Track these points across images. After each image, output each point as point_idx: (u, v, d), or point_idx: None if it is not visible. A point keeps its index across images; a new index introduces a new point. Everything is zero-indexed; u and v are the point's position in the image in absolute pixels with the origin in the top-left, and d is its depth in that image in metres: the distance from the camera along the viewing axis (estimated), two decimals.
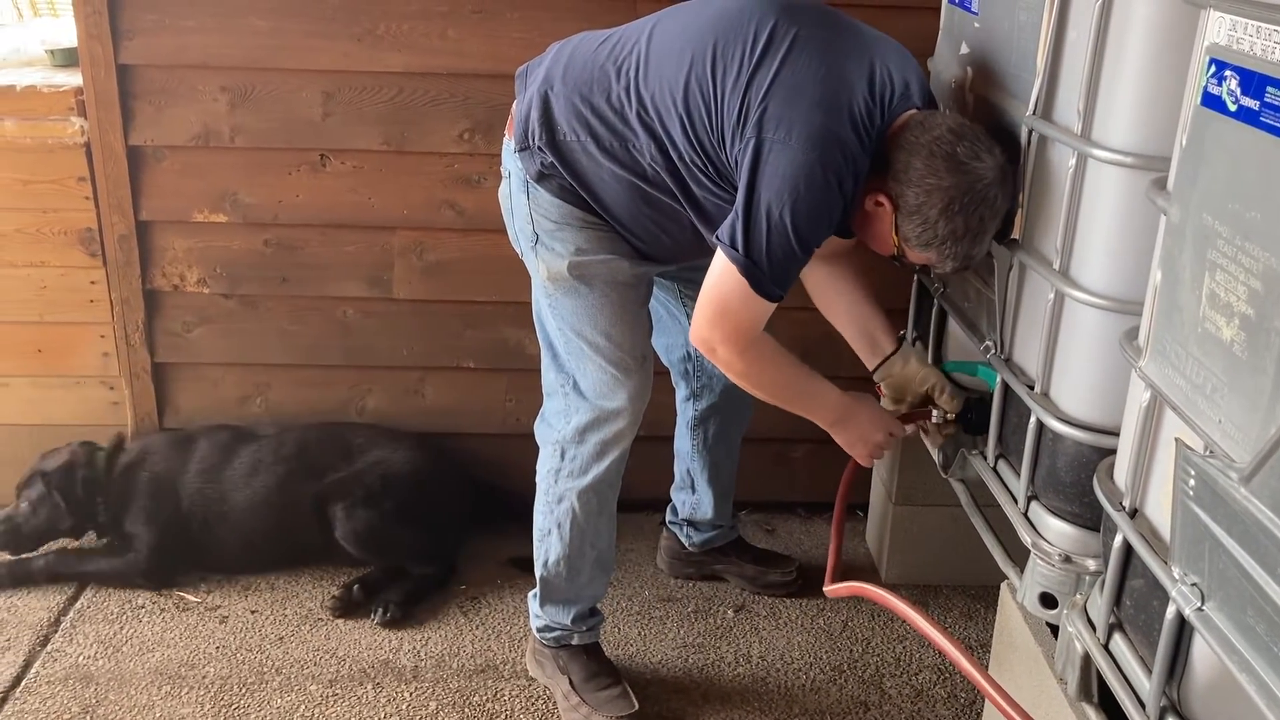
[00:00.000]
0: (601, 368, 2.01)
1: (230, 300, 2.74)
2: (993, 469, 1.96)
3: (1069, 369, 1.69)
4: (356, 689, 2.25)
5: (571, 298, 1.99)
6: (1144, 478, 1.41)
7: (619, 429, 2.04)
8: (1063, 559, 1.68)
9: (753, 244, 1.75)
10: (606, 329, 1.99)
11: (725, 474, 2.52)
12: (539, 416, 2.15)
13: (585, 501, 2.09)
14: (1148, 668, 1.37)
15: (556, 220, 1.96)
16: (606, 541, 2.17)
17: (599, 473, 2.06)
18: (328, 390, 2.82)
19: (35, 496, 2.53)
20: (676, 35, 1.85)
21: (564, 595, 2.17)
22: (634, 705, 2.13)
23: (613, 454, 2.06)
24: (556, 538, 2.12)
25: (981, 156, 1.73)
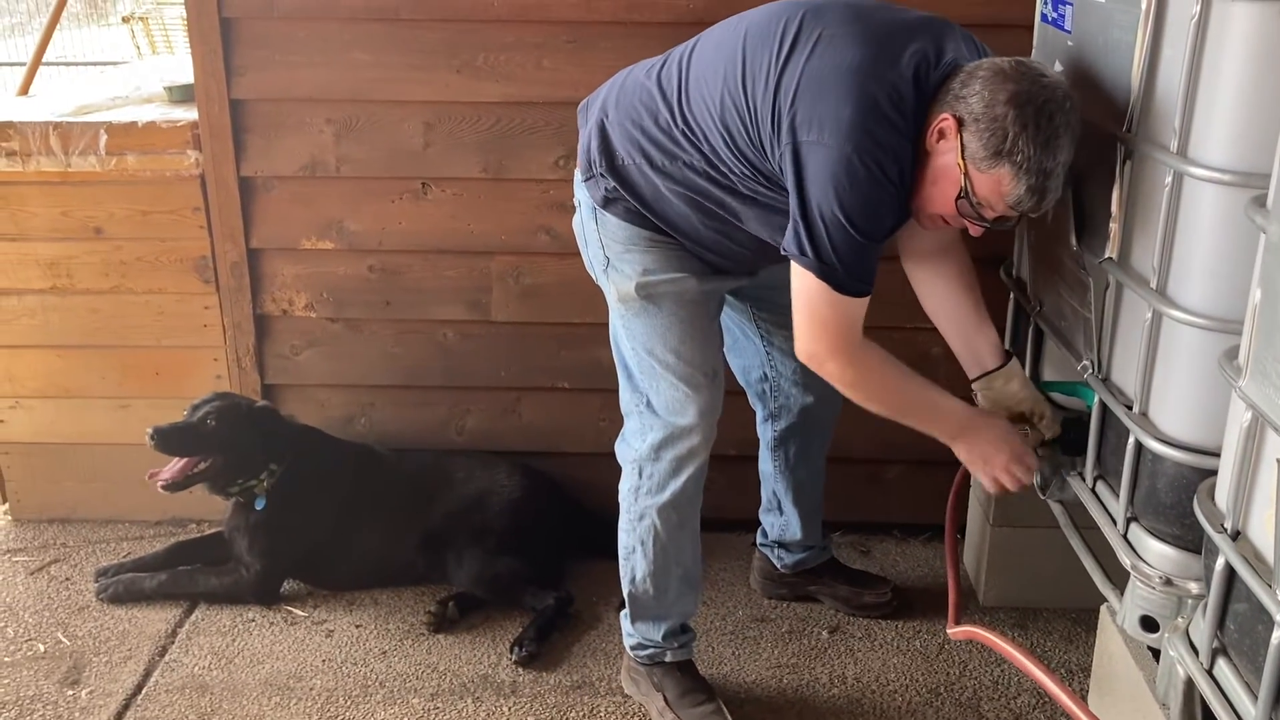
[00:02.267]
0: (673, 385, 2.04)
1: (336, 324, 2.84)
2: (1091, 490, 1.94)
3: (1168, 389, 1.66)
4: (457, 703, 2.30)
5: (642, 317, 2.03)
6: (1246, 499, 1.39)
7: (692, 445, 2.07)
8: (1163, 582, 1.65)
9: (818, 245, 1.76)
10: (676, 346, 2.03)
11: (810, 494, 2.52)
12: (620, 437, 2.19)
13: (666, 518, 2.12)
14: (1253, 694, 1.34)
15: (623, 242, 2.01)
16: (691, 557, 2.19)
17: (676, 489, 2.09)
18: (428, 410, 2.90)
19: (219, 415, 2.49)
20: (711, 52, 1.90)
21: (653, 612, 2.20)
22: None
23: (689, 470, 2.08)
24: (640, 555, 2.15)
25: (1046, 73, 1.72)
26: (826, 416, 2.42)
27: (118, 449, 2.91)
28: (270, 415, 2.61)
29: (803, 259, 1.79)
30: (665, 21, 2.55)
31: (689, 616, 2.26)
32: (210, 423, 2.49)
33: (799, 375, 2.34)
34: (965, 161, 1.71)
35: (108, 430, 2.93)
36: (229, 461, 2.52)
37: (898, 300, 2.69)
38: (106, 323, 2.86)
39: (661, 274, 2.01)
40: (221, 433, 2.50)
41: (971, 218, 1.77)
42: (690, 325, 2.04)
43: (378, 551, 2.64)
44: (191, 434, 2.48)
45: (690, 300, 2.03)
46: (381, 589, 2.68)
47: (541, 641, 2.45)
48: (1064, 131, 1.69)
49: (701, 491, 2.15)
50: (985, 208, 1.75)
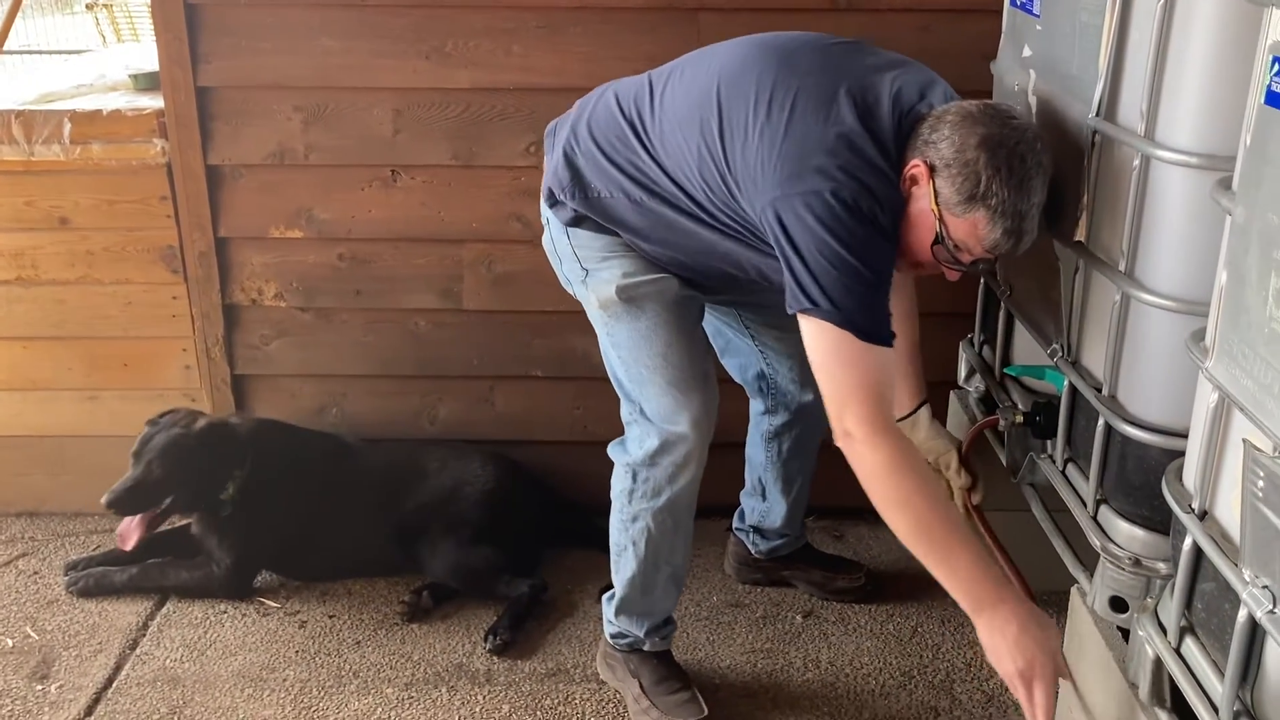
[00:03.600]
0: (663, 390, 2.00)
1: (306, 313, 2.81)
2: (1061, 473, 1.95)
3: (1136, 371, 1.67)
4: (431, 692, 2.30)
5: (625, 322, 2.00)
6: (1213, 480, 1.40)
7: (688, 451, 2.02)
8: (1133, 562, 1.67)
9: (825, 289, 1.67)
10: (663, 350, 1.99)
11: (799, 487, 2.52)
12: (618, 440, 2.14)
13: (660, 522, 2.09)
14: (1220, 671, 1.36)
15: (600, 250, 1.99)
16: (681, 558, 2.18)
17: (673, 494, 2.07)
18: (401, 400, 2.89)
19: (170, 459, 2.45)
20: (684, 97, 1.87)
21: (639, 609, 2.20)
22: (703, 710, 2.15)
23: (685, 476, 2.05)
24: (631, 555, 2.13)
25: (1015, 114, 1.71)
26: (823, 414, 2.39)
27: (86, 441, 2.88)
28: (218, 430, 2.54)
29: (816, 310, 1.67)
30: (636, 7, 2.54)
31: (672, 611, 2.26)
32: (156, 469, 2.45)
33: (796, 372, 2.33)
34: (939, 207, 1.70)
35: (75, 423, 2.90)
36: (188, 493, 2.50)
37: None
38: (73, 314, 2.83)
39: (642, 275, 1.98)
40: (171, 473, 2.45)
41: (949, 262, 1.75)
42: (675, 328, 2.00)
43: (351, 542, 2.63)
44: (143, 489, 2.44)
45: (674, 301, 2.00)
46: (355, 579, 2.67)
47: (516, 630, 2.44)
48: (1036, 173, 1.68)
49: (696, 495, 2.12)
50: (962, 252, 1.74)
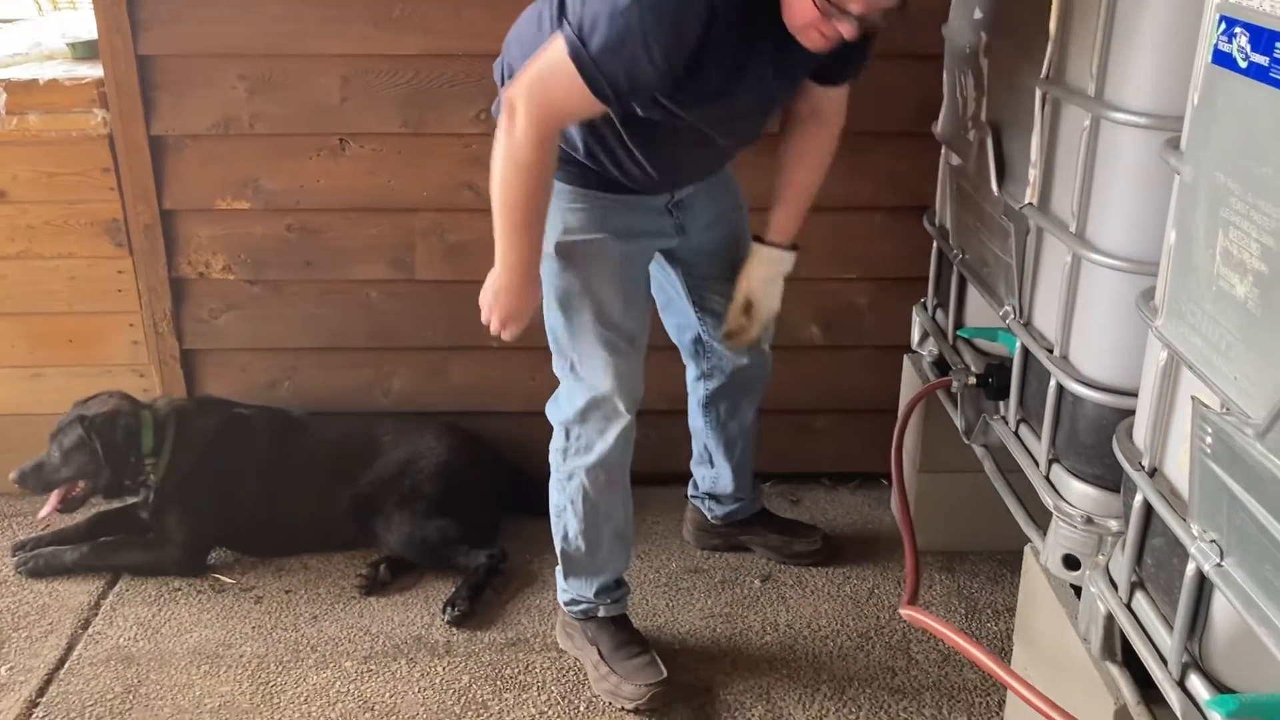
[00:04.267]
0: (593, 348, 2.03)
1: (255, 286, 2.77)
2: (1014, 433, 1.97)
3: (1087, 331, 1.69)
4: (390, 664, 2.29)
5: (562, 279, 2.01)
6: (1162, 437, 1.42)
7: (615, 408, 2.06)
8: (1084, 520, 1.69)
9: (585, 20, 1.66)
10: (595, 310, 2.01)
11: (742, 449, 2.53)
12: (552, 397, 2.17)
13: (594, 478, 2.11)
14: (1169, 625, 1.38)
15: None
16: (623, 516, 2.19)
17: (604, 450, 2.09)
18: (354, 372, 2.86)
19: (71, 443, 2.49)
20: None
21: (585, 569, 2.21)
22: (662, 673, 2.16)
23: (614, 431, 2.08)
24: (571, 513, 2.16)
25: None
26: (757, 377, 2.42)
27: (31, 420, 2.81)
28: (124, 415, 2.52)
29: (563, 27, 1.70)
30: None
31: (621, 572, 2.26)
32: (59, 451, 2.48)
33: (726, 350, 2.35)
34: None
35: (20, 401, 2.85)
36: (103, 477, 2.50)
37: (822, 252, 2.72)
38: (14, 289, 2.76)
39: (581, 234, 1.99)
40: (71, 456, 2.48)
41: (834, 15, 1.67)
42: (609, 288, 2.02)
43: (305, 517, 2.61)
44: (49, 469, 2.49)
45: (610, 261, 2.01)
46: (311, 554, 2.65)
47: (474, 600, 2.44)
48: None
49: (630, 451, 2.15)
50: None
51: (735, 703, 2.18)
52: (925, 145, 2.44)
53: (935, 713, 2.15)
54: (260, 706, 2.17)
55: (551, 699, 2.19)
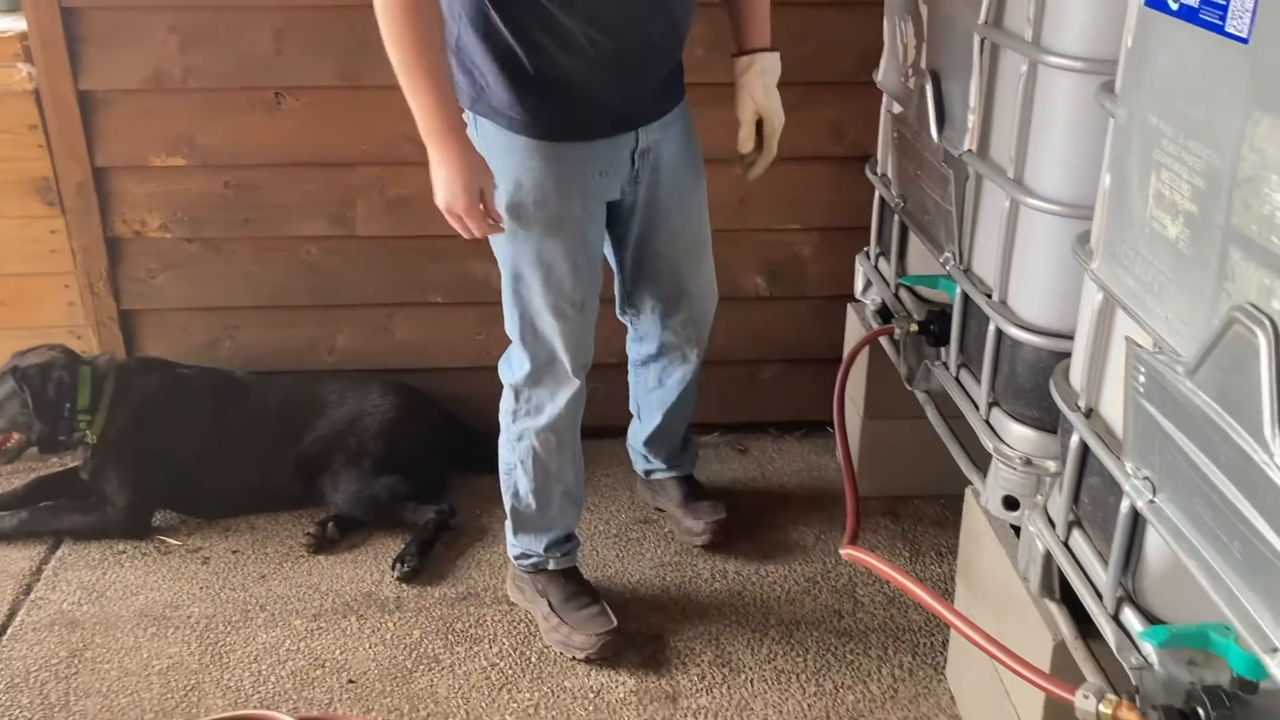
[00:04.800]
0: (540, 312, 2.01)
1: (193, 244, 2.72)
2: (955, 379, 2.00)
3: (1025, 276, 1.71)
4: (340, 621, 2.29)
5: (513, 242, 1.97)
6: (1098, 378, 1.45)
7: (563, 373, 2.06)
8: (1023, 462, 1.72)
9: None
10: (544, 273, 1.98)
11: (665, 417, 2.45)
12: (504, 355, 2.16)
13: (544, 440, 2.11)
14: (1105, 561, 1.42)
15: (499, 155, 1.92)
16: (573, 476, 2.20)
17: (554, 414, 2.09)
18: (296, 331, 2.82)
19: (3, 394, 2.46)
20: None
21: (535, 526, 2.21)
22: (612, 622, 2.18)
23: (564, 396, 2.08)
24: (521, 473, 2.16)
25: None
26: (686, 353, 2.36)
27: None
28: (63, 368, 2.48)
29: None
30: None
31: (572, 527, 2.27)
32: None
33: (659, 311, 2.28)
34: None
35: None
36: (35, 429, 2.47)
37: (766, 203, 2.72)
38: None
39: (531, 192, 1.93)
40: (10, 408, 2.46)
41: None
42: (560, 256, 1.97)
43: (250, 478, 2.59)
44: None
45: (559, 224, 1.96)
46: (258, 515, 2.62)
47: (423, 556, 2.44)
48: None
49: (580, 413, 2.15)
50: None
51: (685, 649, 2.21)
52: (867, 94, 2.45)
53: (881, 653, 2.19)
54: (209, 666, 2.16)
55: (503, 651, 2.20)
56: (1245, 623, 1.07)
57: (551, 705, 2.07)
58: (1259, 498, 1.03)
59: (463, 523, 2.59)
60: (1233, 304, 1.07)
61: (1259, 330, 1.02)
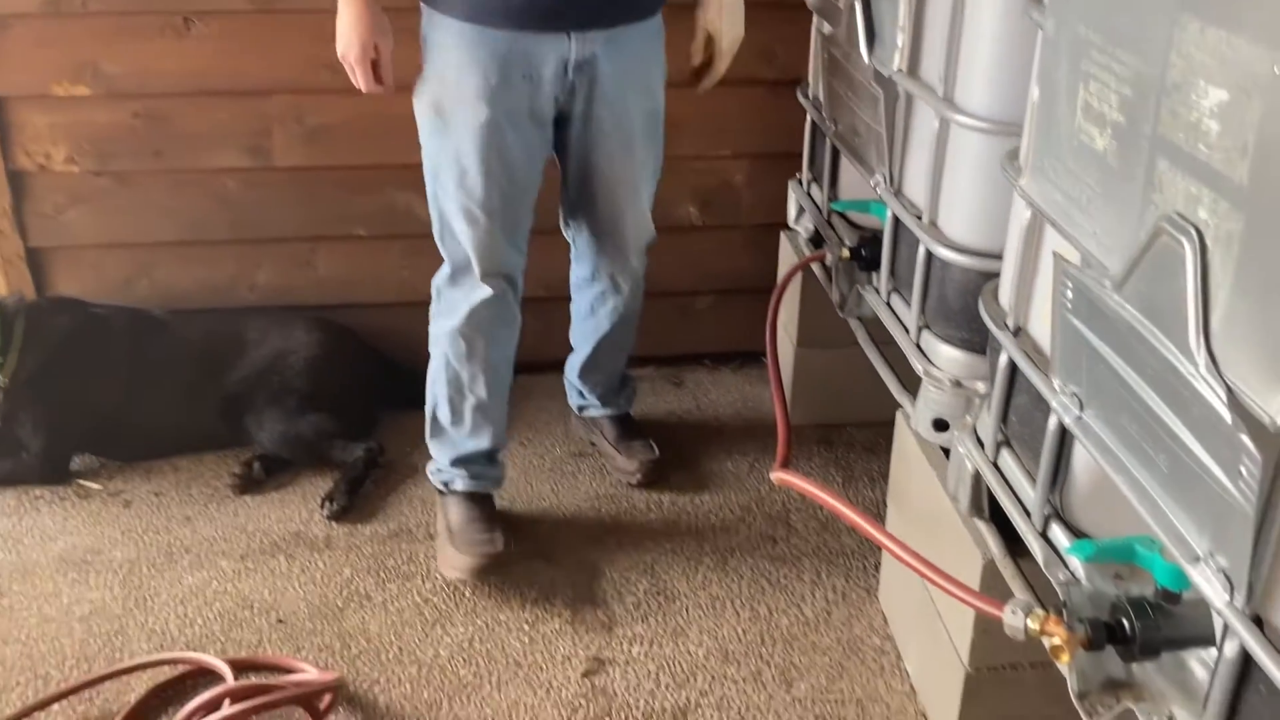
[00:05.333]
0: (454, 214, 2.02)
1: (102, 178, 2.61)
2: (886, 303, 1.99)
3: (955, 196, 1.70)
4: (269, 561, 2.24)
5: (435, 138, 1.99)
6: (1026, 297, 1.44)
7: (475, 278, 2.07)
8: (953, 384, 1.72)
9: None
10: (460, 175, 1.98)
11: (596, 347, 2.44)
12: None
13: (454, 344, 2.12)
14: (1033, 479, 1.42)
15: (435, 42, 1.94)
16: (487, 390, 2.17)
17: (463, 317, 2.09)
18: (216, 267, 2.73)
19: None
20: None
21: (447, 437, 2.21)
22: (496, 548, 2.13)
23: (475, 300, 2.07)
24: (439, 376, 2.17)
25: None
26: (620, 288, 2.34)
27: None
28: None
29: None
30: None
31: (484, 449, 2.22)
32: None
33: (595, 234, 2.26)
34: None
35: None
36: None
37: (697, 130, 2.68)
38: None
39: (452, 88, 1.92)
40: None
41: None
42: (471, 155, 1.95)
43: (171, 419, 2.51)
44: None
45: (475, 125, 1.93)
46: (181, 456, 2.56)
47: (353, 494, 2.39)
48: None
49: (494, 327, 2.13)
50: None
51: (621, 579, 2.20)
52: (798, 16, 2.41)
53: (814, 577, 2.20)
54: (133, 611, 2.11)
55: (436, 586, 2.18)
56: (1169, 534, 1.07)
57: (486, 639, 2.05)
58: (1184, 409, 1.02)
59: (392, 460, 2.54)
60: (1160, 215, 1.06)
61: (1185, 240, 1.01)
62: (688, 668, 1.99)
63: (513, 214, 2.05)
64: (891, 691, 1.93)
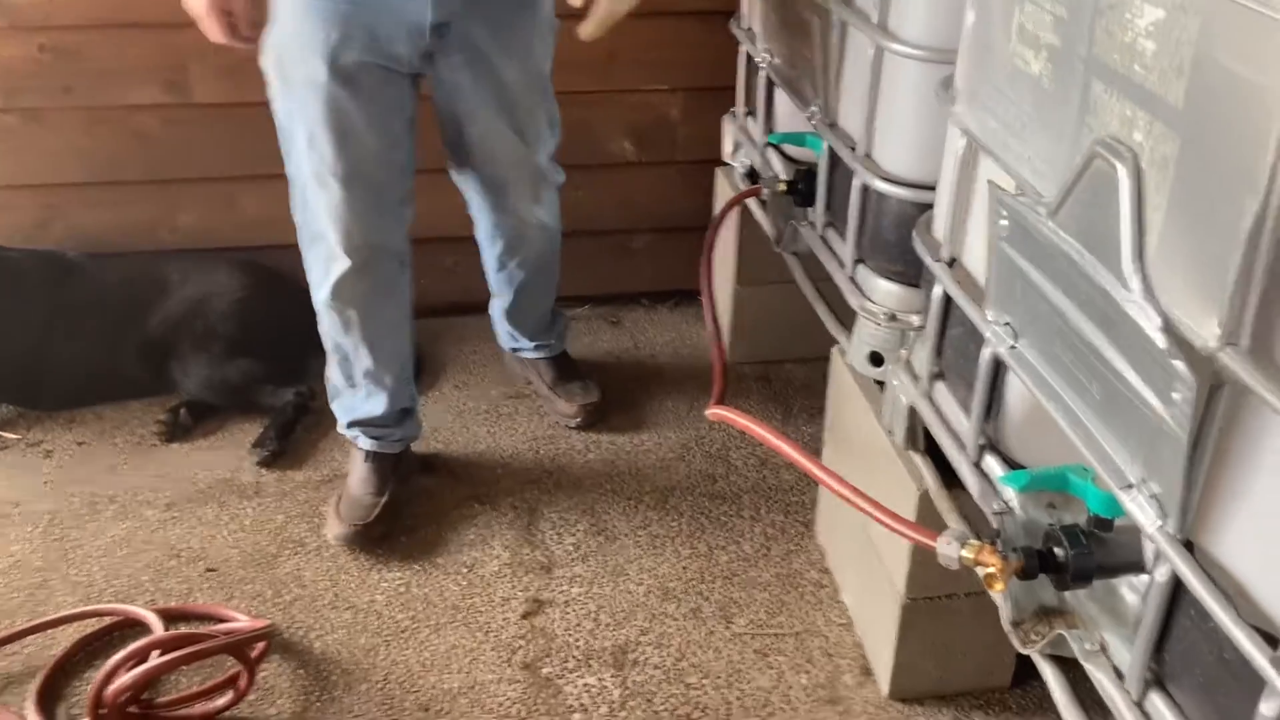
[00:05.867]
0: (306, 179, 1.89)
1: (10, 115, 2.49)
2: (822, 238, 1.97)
3: (890, 127, 1.67)
4: (197, 510, 2.19)
5: (282, 100, 1.87)
6: (961, 227, 1.42)
7: (330, 249, 1.92)
8: (888, 317, 1.71)
9: None
10: (308, 137, 1.84)
11: (513, 294, 2.36)
12: None
13: (329, 315, 2.01)
14: (967, 411, 1.41)
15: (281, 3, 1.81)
16: (373, 362, 2.06)
17: (329, 290, 1.96)
18: (134, 209, 2.64)
19: None
20: None
21: (342, 400, 2.14)
22: (369, 517, 2.07)
23: (336, 274, 1.93)
24: (324, 341, 2.08)
25: None
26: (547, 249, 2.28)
27: None
28: None
29: None
30: None
31: (379, 413, 2.12)
32: None
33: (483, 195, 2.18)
34: None
35: None
36: None
37: (631, 63, 2.62)
38: None
39: (292, 39, 1.80)
40: None
41: None
42: (317, 115, 1.82)
43: (91, 366, 2.43)
44: None
45: (314, 84, 1.80)
46: (104, 404, 2.49)
47: (283, 440, 2.34)
48: None
49: (369, 301, 2.00)
50: None
51: (560, 519, 2.18)
52: None
53: (753, 513, 2.20)
54: (57, 563, 2.05)
55: None
56: (1103, 462, 1.07)
57: (423, 583, 2.03)
58: (1118, 336, 1.02)
59: (323, 405, 2.46)
60: (1095, 139, 1.04)
61: (1120, 163, 0.99)
62: (627, 606, 1.98)
63: (372, 179, 1.90)
64: (829, 624, 1.95)
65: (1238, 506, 0.91)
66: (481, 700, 1.79)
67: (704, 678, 1.84)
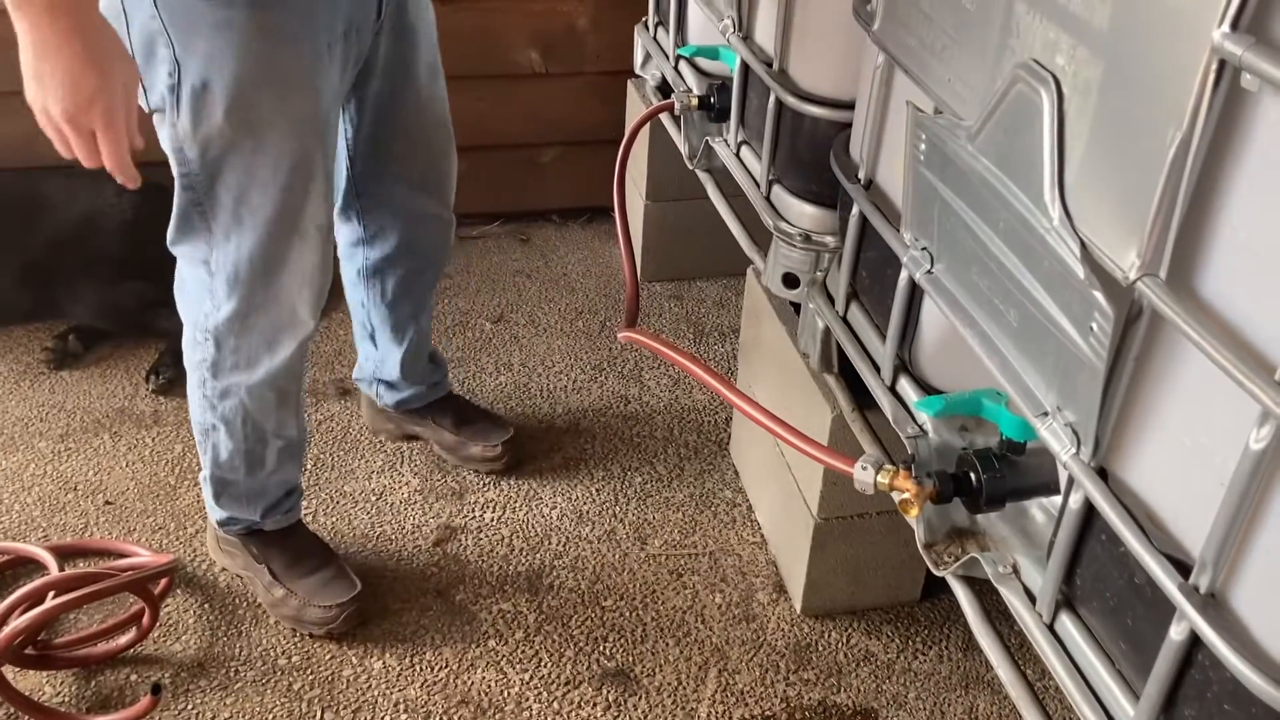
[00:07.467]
0: (272, 240, 1.52)
1: None
2: (736, 155, 1.94)
3: (806, 42, 1.63)
4: (92, 440, 2.11)
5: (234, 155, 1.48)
6: (877, 148, 1.40)
7: (290, 318, 1.59)
8: (803, 239, 1.69)
9: None
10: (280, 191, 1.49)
11: (415, 334, 1.98)
12: (177, 281, 1.67)
13: (261, 396, 1.64)
14: (882, 334, 1.41)
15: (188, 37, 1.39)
16: (296, 427, 1.73)
17: (276, 366, 1.61)
18: (9, 121, 2.46)
19: None
20: None
21: (246, 490, 1.74)
22: (356, 585, 1.77)
23: (292, 345, 1.60)
24: (225, 435, 1.67)
25: None
26: (439, 244, 1.92)
27: None
28: None
29: None
30: None
31: (295, 482, 1.81)
32: None
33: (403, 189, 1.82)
34: None
35: None
36: None
37: None
38: None
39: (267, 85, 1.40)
40: None
41: None
42: (302, 164, 1.47)
43: None
44: None
45: (306, 123, 1.46)
46: None
47: (180, 366, 2.24)
48: None
49: (307, 355, 1.69)
50: None
51: None
52: None
53: (666, 434, 2.20)
54: None
55: None
56: (1017, 388, 1.07)
57: (331, 511, 1.99)
58: (1036, 263, 1.01)
59: None
60: (1017, 62, 1.02)
61: (1042, 89, 0.97)
62: (541, 530, 1.97)
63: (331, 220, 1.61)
64: (743, 543, 1.96)
65: (1151, 435, 0.92)
66: (394, 630, 1.77)
67: (619, 600, 1.84)
